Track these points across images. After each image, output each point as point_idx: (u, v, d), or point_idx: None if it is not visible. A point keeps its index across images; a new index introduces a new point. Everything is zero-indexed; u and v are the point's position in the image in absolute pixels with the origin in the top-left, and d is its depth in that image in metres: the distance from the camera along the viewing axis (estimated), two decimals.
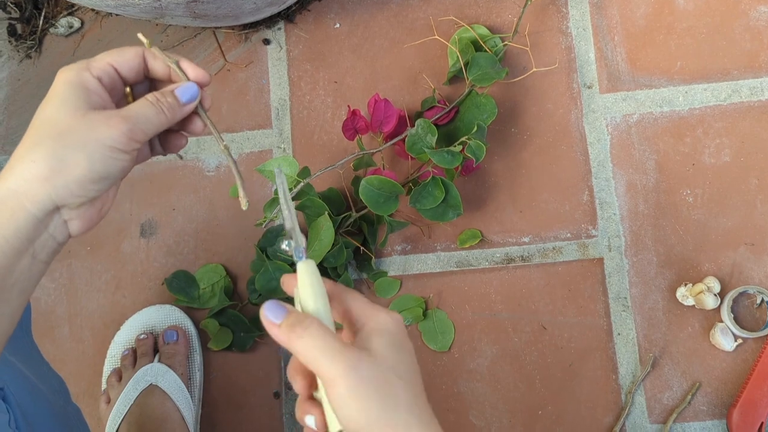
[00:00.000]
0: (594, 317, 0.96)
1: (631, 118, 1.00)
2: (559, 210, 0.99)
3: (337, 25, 1.07)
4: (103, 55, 0.52)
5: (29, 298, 0.51)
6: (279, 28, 1.08)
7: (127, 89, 0.55)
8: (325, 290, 0.47)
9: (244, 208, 0.54)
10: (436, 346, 0.96)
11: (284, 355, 0.98)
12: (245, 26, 1.07)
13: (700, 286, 0.92)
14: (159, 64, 0.54)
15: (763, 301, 0.92)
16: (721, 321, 0.92)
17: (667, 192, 0.97)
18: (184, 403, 0.92)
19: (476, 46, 1.00)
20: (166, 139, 0.57)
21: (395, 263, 1.00)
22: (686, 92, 1.00)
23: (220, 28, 1.07)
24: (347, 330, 0.49)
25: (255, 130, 1.05)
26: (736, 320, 0.92)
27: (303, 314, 0.45)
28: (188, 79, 0.54)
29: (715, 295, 0.92)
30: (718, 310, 0.93)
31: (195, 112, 0.55)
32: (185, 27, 1.08)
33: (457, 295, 0.98)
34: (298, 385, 0.47)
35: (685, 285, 0.93)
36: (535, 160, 1.00)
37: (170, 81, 0.55)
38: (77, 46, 1.11)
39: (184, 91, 0.53)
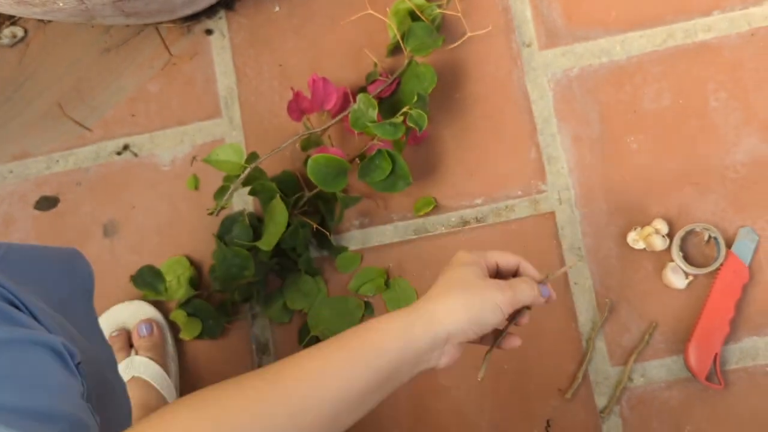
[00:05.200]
0: (550, 269, 0.98)
1: (571, 72, 1.02)
2: (508, 169, 1.01)
3: (277, 9, 1.08)
4: (493, 254, 0.70)
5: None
6: (220, 17, 1.09)
7: None
8: None
9: (479, 378, 0.69)
10: None
11: (254, 341, 1.00)
12: (186, 18, 1.08)
13: (648, 229, 0.94)
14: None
15: (710, 237, 0.95)
16: (672, 261, 0.95)
17: (611, 141, 0.99)
18: (168, 391, 0.95)
19: (413, 16, 1.01)
20: (504, 338, 0.72)
21: (355, 238, 1.02)
22: (623, 41, 1.01)
23: (162, 23, 1.08)
24: None
25: (205, 120, 1.06)
26: (686, 258, 0.95)
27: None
28: (546, 286, 0.72)
29: (663, 236, 0.94)
30: (668, 250, 0.95)
31: (528, 308, 0.72)
32: (127, 26, 1.09)
33: (417, 263, 1.00)
34: None
35: (635, 229, 0.95)
36: (480, 123, 1.02)
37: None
38: (23, 55, 1.12)
39: (544, 290, 0.71)
